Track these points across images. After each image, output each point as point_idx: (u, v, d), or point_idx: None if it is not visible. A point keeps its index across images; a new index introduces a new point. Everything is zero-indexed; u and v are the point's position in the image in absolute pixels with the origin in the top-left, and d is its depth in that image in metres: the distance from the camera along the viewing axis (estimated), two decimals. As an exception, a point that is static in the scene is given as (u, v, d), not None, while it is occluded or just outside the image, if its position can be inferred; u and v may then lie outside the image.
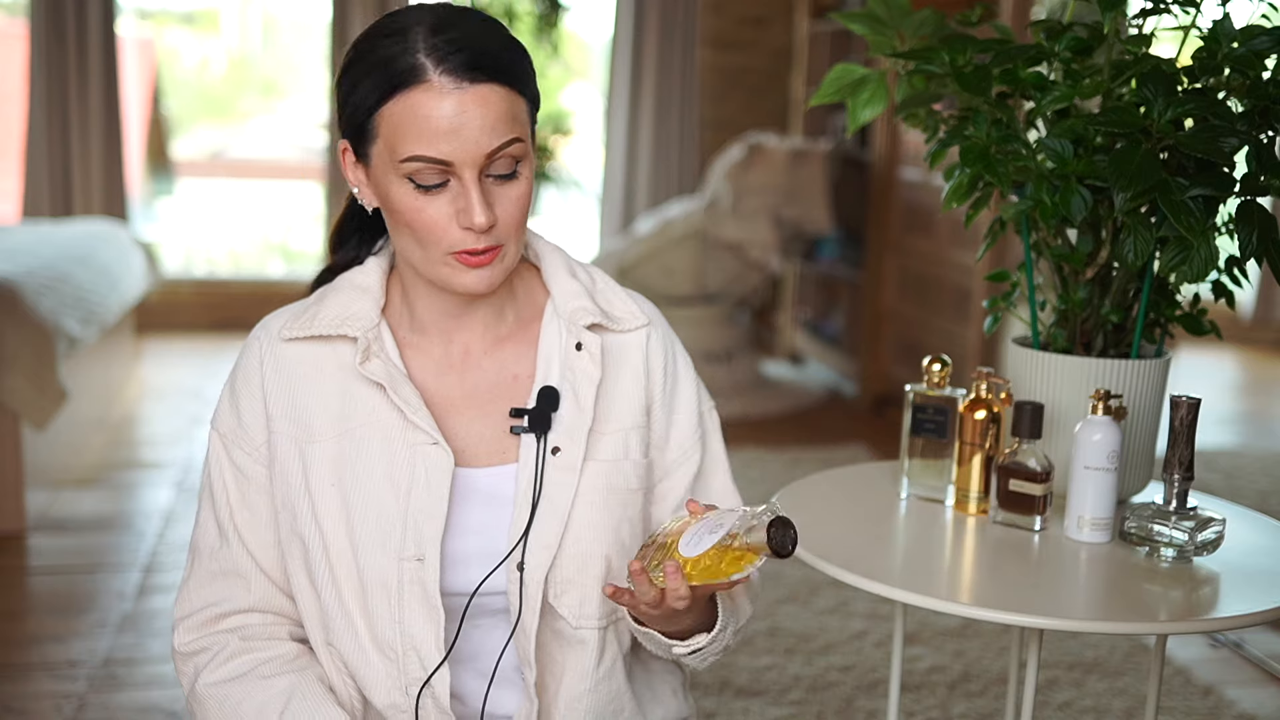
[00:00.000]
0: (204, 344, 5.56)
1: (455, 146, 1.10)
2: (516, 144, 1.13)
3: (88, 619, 2.79)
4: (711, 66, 5.82)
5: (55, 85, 5.11)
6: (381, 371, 1.20)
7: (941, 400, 1.58)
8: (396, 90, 1.11)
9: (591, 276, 1.31)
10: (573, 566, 1.21)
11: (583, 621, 1.23)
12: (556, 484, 1.21)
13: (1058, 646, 2.76)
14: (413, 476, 1.19)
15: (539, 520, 1.20)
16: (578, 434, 1.22)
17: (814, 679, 2.59)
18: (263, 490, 1.24)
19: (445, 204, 1.13)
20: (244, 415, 1.25)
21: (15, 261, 3.53)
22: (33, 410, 3.21)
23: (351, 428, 1.20)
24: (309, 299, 1.28)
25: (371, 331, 1.22)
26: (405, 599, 1.18)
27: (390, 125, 1.12)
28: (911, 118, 1.67)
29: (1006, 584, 1.36)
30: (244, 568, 1.24)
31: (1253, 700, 2.58)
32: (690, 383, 1.33)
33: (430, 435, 1.19)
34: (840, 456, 4.13)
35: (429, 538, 1.18)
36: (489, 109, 1.11)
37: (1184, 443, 1.41)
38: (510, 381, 1.25)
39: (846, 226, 5.23)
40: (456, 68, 1.10)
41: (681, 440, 1.31)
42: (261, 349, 1.25)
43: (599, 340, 1.25)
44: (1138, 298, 1.57)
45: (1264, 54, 1.45)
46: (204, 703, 1.23)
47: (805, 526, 1.50)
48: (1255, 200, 1.43)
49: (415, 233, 1.14)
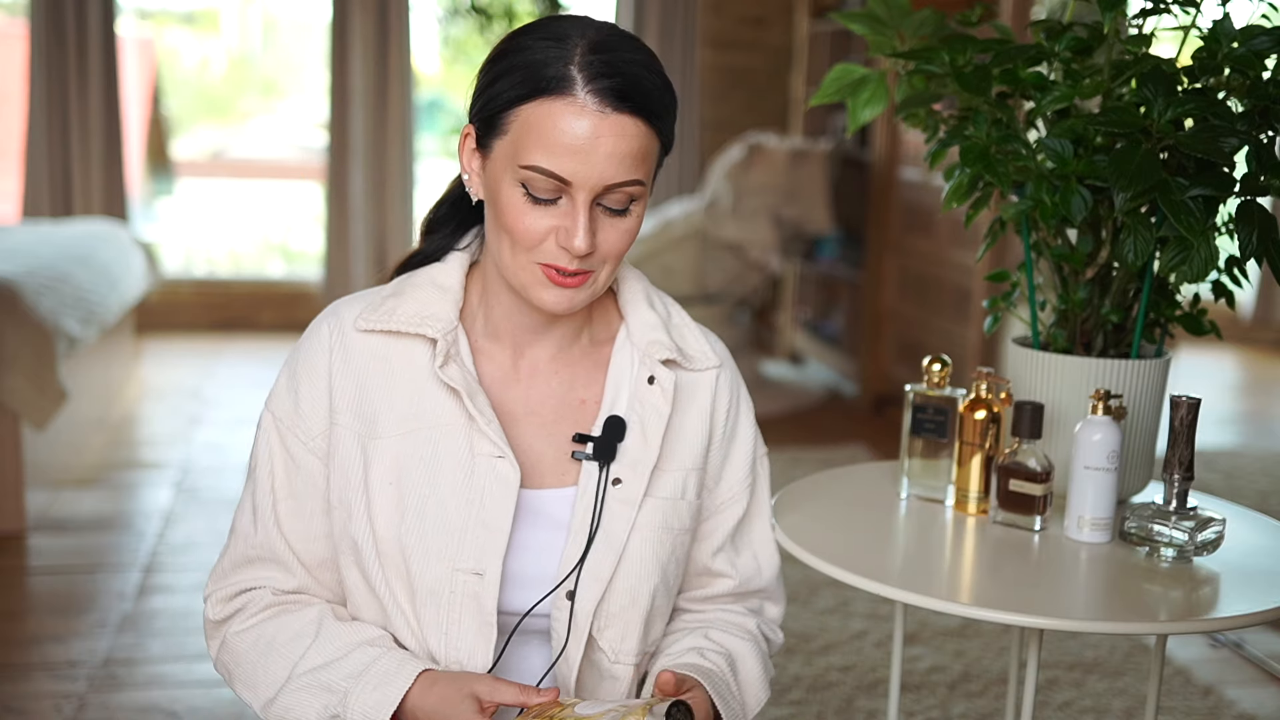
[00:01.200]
0: (204, 344, 5.56)
1: (578, 168, 1.08)
2: (637, 186, 1.12)
3: (88, 619, 2.79)
4: (711, 66, 5.82)
5: (55, 85, 5.11)
6: (459, 377, 1.18)
7: (941, 400, 1.58)
8: (540, 94, 1.09)
9: (668, 308, 1.29)
10: (620, 601, 1.20)
11: (620, 656, 1.21)
12: (615, 516, 1.19)
13: (1058, 646, 2.76)
14: (476, 488, 1.16)
15: (594, 551, 1.18)
16: (641, 468, 1.20)
17: (814, 679, 2.59)
18: (313, 482, 1.21)
19: (551, 218, 1.11)
20: (303, 402, 1.21)
21: (15, 261, 3.53)
22: (33, 410, 3.21)
23: (418, 428, 1.18)
24: (385, 289, 1.24)
25: (450, 335, 1.20)
26: (458, 612, 1.16)
27: (523, 126, 1.09)
28: (911, 118, 1.67)
29: (1006, 584, 1.36)
30: (281, 554, 1.22)
31: (1253, 700, 2.58)
32: (750, 428, 1.32)
33: (498, 448, 1.17)
34: (840, 456, 4.13)
35: (491, 553, 1.15)
36: (622, 141, 1.09)
37: (1184, 443, 1.41)
38: (577, 404, 1.23)
39: (846, 226, 5.23)
40: (604, 90, 1.08)
41: (733, 484, 1.30)
42: (331, 336, 1.21)
43: (673, 377, 1.23)
44: (1138, 298, 1.57)
45: (1264, 54, 1.45)
46: (234, 649, 1.21)
47: (805, 526, 1.50)
48: (1255, 200, 1.43)
49: (513, 235, 1.12)
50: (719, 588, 1.32)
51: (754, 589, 1.34)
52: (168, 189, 7.15)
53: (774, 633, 1.37)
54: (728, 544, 1.31)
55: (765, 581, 1.34)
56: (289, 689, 1.16)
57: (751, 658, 1.29)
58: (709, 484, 1.28)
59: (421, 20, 7.04)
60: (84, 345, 3.66)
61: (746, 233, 4.72)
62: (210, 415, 4.44)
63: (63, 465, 3.69)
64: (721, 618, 1.32)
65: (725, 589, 1.32)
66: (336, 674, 1.15)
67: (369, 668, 1.14)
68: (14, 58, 5.52)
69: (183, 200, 7.94)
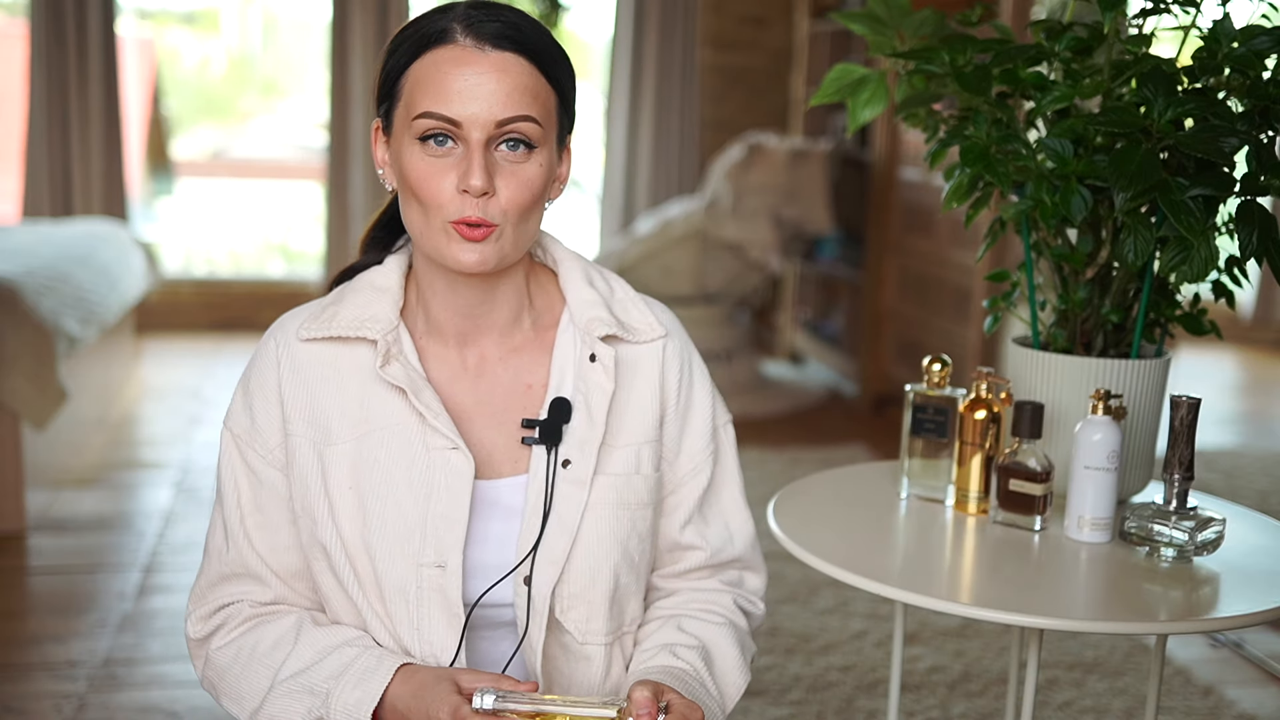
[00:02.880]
0: (204, 344, 5.56)
1: (464, 106, 1.11)
2: (529, 123, 1.13)
3: (88, 619, 2.79)
4: (711, 66, 5.82)
5: (55, 85, 5.11)
6: (402, 375, 1.19)
7: (941, 400, 1.58)
8: (424, 50, 1.13)
9: (610, 285, 1.29)
10: (580, 582, 1.20)
11: (589, 637, 1.22)
12: (565, 498, 1.20)
13: (1058, 646, 2.76)
14: (432, 482, 1.18)
15: (547, 535, 1.19)
16: (589, 447, 1.21)
17: (814, 679, 2.59)
18: (276, 494, 1.23)
19: (450, 170, 1.12)
20: (258, 417, 1.23)
21: (15, 261, 3.53)
22: (33, 410, 3.21)
23: (370, 431, 1.19)
24: (326, 298, 1.26)
25: (391, 334, 1.21)
26: (425, 606, 1.17)
27: (412, 83, 1.13)
28: (911, 118, 1.67)
29: (1006, 584, 1.36)
30: (255, 569, 1.24)
31: (1253, 700, 2.58)
32: (706, 396, 1.31)
33: (450, 440, 1.18)
34: (840, 456, 4.13)
35: (450, 545, 1.17)
36: (506, 77, 1.12)
37: (1184, 443, 1.41)
38: (524, 391, 1.24)
39: (846, 226, 5.23)
40: (483, 34, 1.12)
41: (693, 453, 1.29)
42: (278, 349, 1.23)
43: (613, 352, 1.24)
44: (1138, 298, 1.57)
45: (1264, 54, 1.45)
46: (218, 664, 1.23)
47: (805, 526, 1.50)
48: (1255, 200, 1.43)
49: (420, 198, 1.14)
50: (691, 561, 1.31)
51: (728, 559, 1.32)
52: (168, 189, 7.15)
53: (754, 605, 1.35)
54: (695, 515, 1.30)
55: (739, 550, 1.33)
56: (272, 696, 1.17)
57: (727, 643, 1.27)
58: (668, 456, 1.27)
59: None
60: (84, 345, 3.66)
61: (746, 233, 4.72)
62: (210, 415, 4.44)
63: (63, 465, 3.69)
64: (695, 599, 1.31)
65: (698, 561, 1.31)
66: (317, 676, 1.16)
67: (349, 667, 1.16)
68: (14, 58, 5.52)
69: (183, 200, 7.94)
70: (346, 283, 1.28)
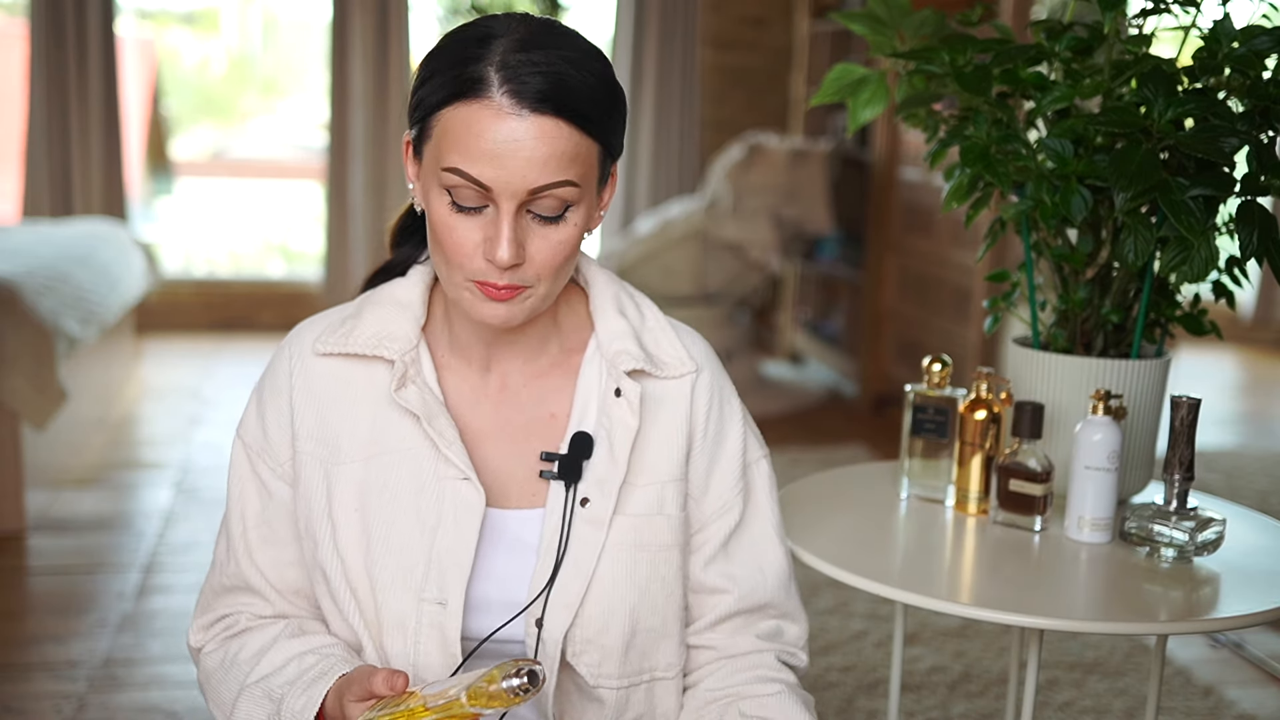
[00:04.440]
0: (204, 344, 5.56)
1: (497, 173, 1.03)
2: (568, 187, 1.05)
3: (88, 619, 2.79)
4: (711, 66, 5.82)
5: (55, 85, 5.11)
6: (417, 400, 1.14)
7: (941, 400, 1.58)
8: (458, 97, 1.03)
9: (642, 313, 1.22)
10: (593, 627, 1.14)
11: (600, 681, 1.16)
12: (582, 539, 1.14)
13: (1058, 646, 2.76)
14: (440, 513, 1.13)
15: (561, 577, 1.13)
16: (609, 486, 1.15)
17: (814, 679, 2.59)
18: (285, 508, 1.19)
19: (476, 228, 1.06)
20: (270, 429, 1.19)
21: (15, 261, 3.53)
22: (33, 410, 3.21)
23: (380, 453, 1.15)
24: (347, 307, 1.22)
25: (409, 354, 1.16)
26: (422, 642, 1.12)
27: (443, 130, 1.05)
28: (911, 118, 1.67)
29: (1006, 584, 1.36)
30: (255, 583, 1.21)
31: (1253, 700, 2.58)
32: (737, 430, 1.23)
33: (462, 471, 1.13)
34: (840, 456, 4.13)
35: (453, 582, 1.12)
36: (544, 144, 1.02)
37: (1184, 443, 1.41)
38: (546, 420, 1.18)
39: (846, 226, 5.23)
40: (521, 91, 1.02)
41: (722, 491, 1.22)
42: (292, 361, 1.19)
43: (639, 388, 1.17)
44: (1138, 298, 1.57)
45: (1264, 54, 1.45)
46: (205, 669, 1.21)
47: (805, 526, 1.50)
48: (1255, 200, 1.43)
49: (443, 249, 1.08)
50: (720, 607, 1.23)
51: (759, 603, 1.24)
52: (167, 189, 7.15)
53: (795, 657, 1.26)
54: (720, 554, 1.22)
55: (772, 592, 1.24)
56: (240, 700, 1.15)
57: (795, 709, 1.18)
58: (694, 494, 1.21)
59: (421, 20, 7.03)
60: (84, 345, 3.66)
61: (747, 233, 4.72)
62: (210, 415, 4.44)
63: (63, 465, 3.69)
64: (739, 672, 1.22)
65: (727, 608, 1.22)
66: (277, 681, 1.14)
67: (304, 673, 1.13)
68: (14, 58, 5.52)
69: (183, 200, 7.94)
70: (369, 292, 1.22)
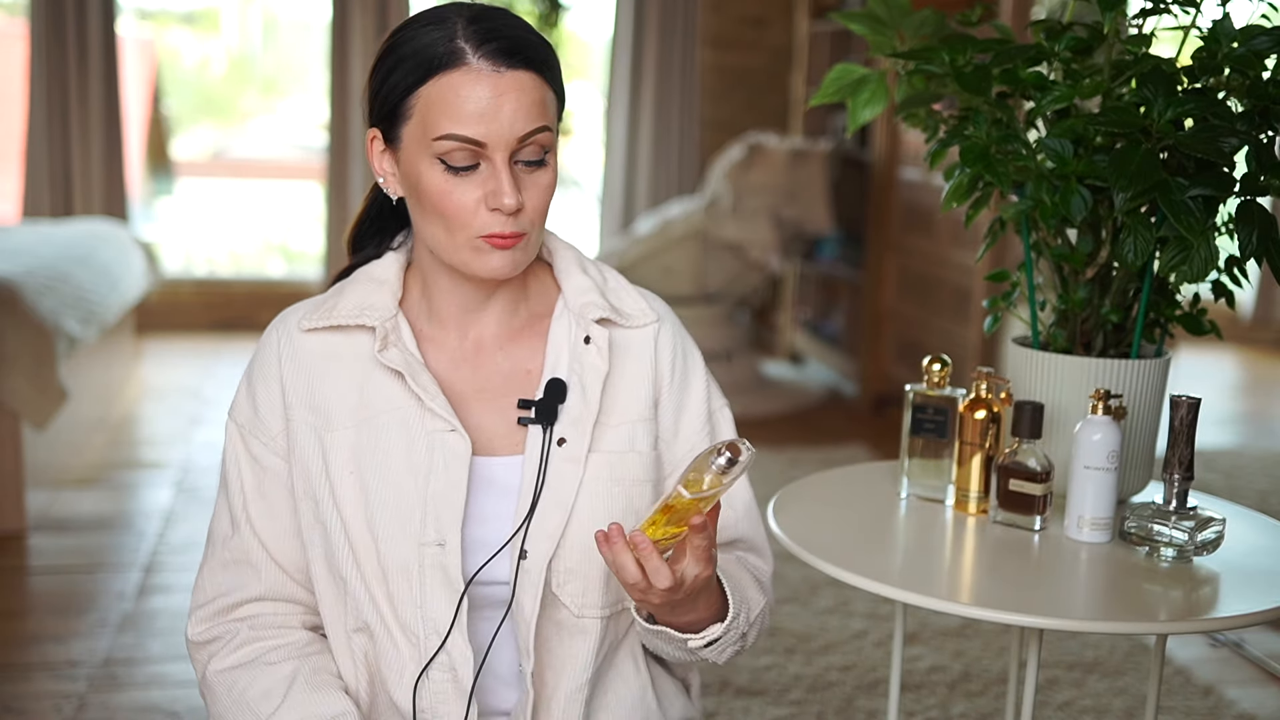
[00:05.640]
0: (204, 344, 5.56)
1: (489, 128, 1.14)
2: (545, 132, 1.17)
3: (88, 619, 2.79)
4: (711, 66, 5.82)
5: (55, 85, 5.11)
6: (399, 360, 1.22)
7: (941, 400, 1.58)
8: (435, 72, 1.15)
9: (603, 274, 1.33)
10: (575, 556, 1.22)
11: (585, 610, 1.24)
12: (561, 475, 1.22)
13: (1058, 646, 2.76)
14: (430, 462, 1.21)
15: (542, 510, 1.21)
16: (583, 425, 1.23)
17: (814, 679, 2.59)
18: (279, 481, 1.26)
19: (474, 187, 1.16)
20: (260, 407, 1.26)
21: (15, 261, 3.53)
22: (33, 410, 3.21)
23: (370, 416, 1.22)
24: (326, 293, 1.30)
25: (389, 321, 1.25)
26: (427, 583, 1.20)
27: (426, 105, 1.15)
28: (911, 118, 1.67)
29: (1006, 584, 1.36)
30: (255, 557, 1.27)
31: (1253, 700, 2.58)
32: (701, 380, 1.34)
33: (448, 422, 1.21)
34: (840, 456, 4.13)
35: (449, 523, 1.20)
36: (523, 94, 1.15)
37: (1184, 443, 1.41)
38: (523, 376, 1.27)
39: (846, 226, 5.23)
40: (495, 53, 1.14)
41: (690, 435, 1.32)
42: (279, 341, 1.27)
43: (607, 334, 1.27)
44: (1138, 298, 1.57)
45: (1264, 54, 1.45)
46: (213, 689, 1.26)
47: (805, 526, 1.50)
48: (1255, 200, 1.43)
49: (444, 216, 1.17)
50: None
51: (731, 538, 1.34)
52: (168, 189, 7.15)
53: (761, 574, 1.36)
54: None
55: (745, 529, 1.35)
56: None
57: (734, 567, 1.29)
58: (665, 437, 1.30)
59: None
60: (84, 345, 3.66)
61: (746, 233, 4.72)
62: (210, 415, 4.44)
63: (63, 465, 3.69)
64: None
65: None
66: None
67: None
68: (14, 58, 5.52)
69: (183, 200, 7.94)
70: (345, 279, 1.31)
